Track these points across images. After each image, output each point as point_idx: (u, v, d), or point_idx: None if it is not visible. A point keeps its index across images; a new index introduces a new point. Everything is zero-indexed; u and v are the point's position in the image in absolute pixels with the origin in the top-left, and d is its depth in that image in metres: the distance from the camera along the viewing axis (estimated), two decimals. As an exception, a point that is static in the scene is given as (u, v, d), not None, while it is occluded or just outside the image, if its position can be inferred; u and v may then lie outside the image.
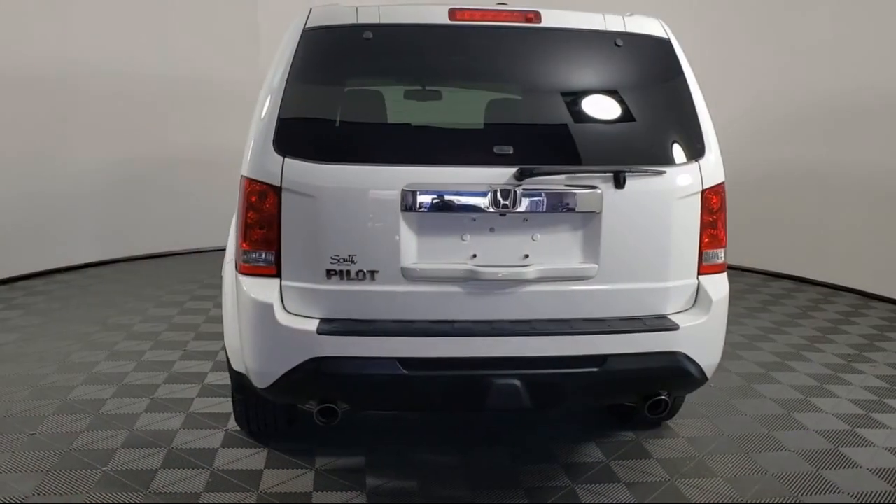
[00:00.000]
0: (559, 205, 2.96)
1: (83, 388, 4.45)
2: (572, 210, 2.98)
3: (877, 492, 3.43)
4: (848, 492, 3.42)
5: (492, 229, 2.97)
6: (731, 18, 8.05)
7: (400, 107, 3.22)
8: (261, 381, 3.02)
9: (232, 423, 4.00)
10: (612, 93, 3.18)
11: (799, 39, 7.55)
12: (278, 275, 2.97)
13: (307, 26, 3.04)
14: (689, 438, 3.98)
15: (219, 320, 5.85)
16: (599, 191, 2.97)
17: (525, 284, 2.97)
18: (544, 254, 2.99)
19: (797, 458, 3.75)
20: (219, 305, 6.25)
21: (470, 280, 2.95)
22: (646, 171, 3.00)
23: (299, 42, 3.02)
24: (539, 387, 2.95)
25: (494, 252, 2.97)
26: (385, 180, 2.90)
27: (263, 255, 2.98)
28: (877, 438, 4.01)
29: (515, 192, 2.90)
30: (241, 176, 3.05)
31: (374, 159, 2.93)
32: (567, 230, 3.01)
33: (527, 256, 2.99)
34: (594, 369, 2.94)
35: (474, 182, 2.90)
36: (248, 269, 3.00)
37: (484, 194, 2.90)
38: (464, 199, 2.91)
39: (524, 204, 2.92)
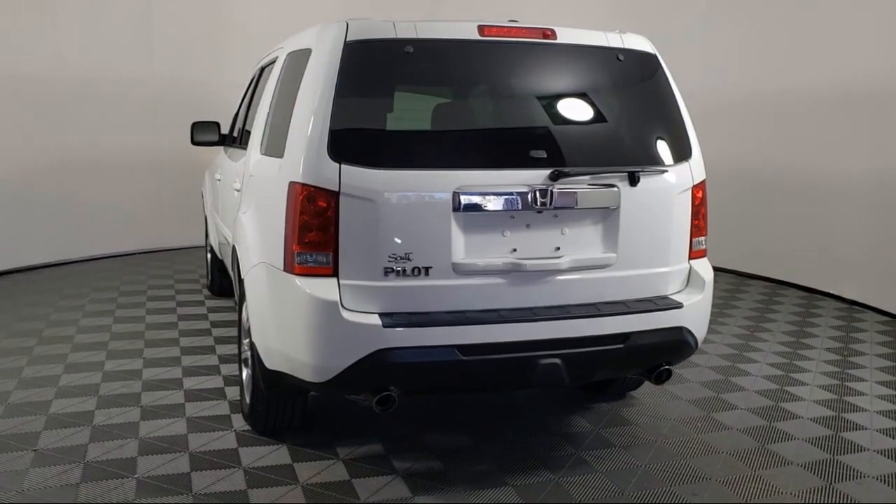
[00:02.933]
0: (585, 202, 3.33)
1: (61, 401, 4.32)
2: (596, 206, 3.37)
3: (822, 436, 4.09)
4: (802, 438, 4.06)
5: (528, 225, 3.30)
6: (667, 20, 8.60)
7: (442, 115, 3.46)
8: (319, 376, 3.18)
9: (238, 424, 4.07)
10: (618, 101, 3.59)
11: (739, 36, 8.02)
12: (335, 274, 3.14)
13: (348, 39, 3.21)
14: (655, 405, 4.50)
15: (162, 326, 5.84)
16: (617, 189, 3.38)
17: (559, 274, 3.33)
18: (572, 246, 3.36)
19: (750, 415, 4.36)
20: (154, 312, 6.21)
21: (512, 272, 3.26)
22: (655, 171, 3.45)
23: (343, 54, 3.19)
24: (576, 364, 3.32)
25: (531, 246, 3.31)
26: (439, 184, 3.15)
27: (320, 256, 3.14)
28: (803, 394, 4.72)
29: (551, 191, 3.24)
30: (291, 182, 3.18)
31: (428, 164, 3.18)
32: (590, 224, 3.39)
33: (558, 249, 3.34)
34: (620, 346, 3.35)
35: (516, 183, 3.22)
36: (303, 269, 3.15)
37: (525, 194, 3.23)
38: (507, 199, 3.22)
39: (557, 202, 3.27)
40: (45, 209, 7.97)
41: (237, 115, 6.05)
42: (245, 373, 4.14)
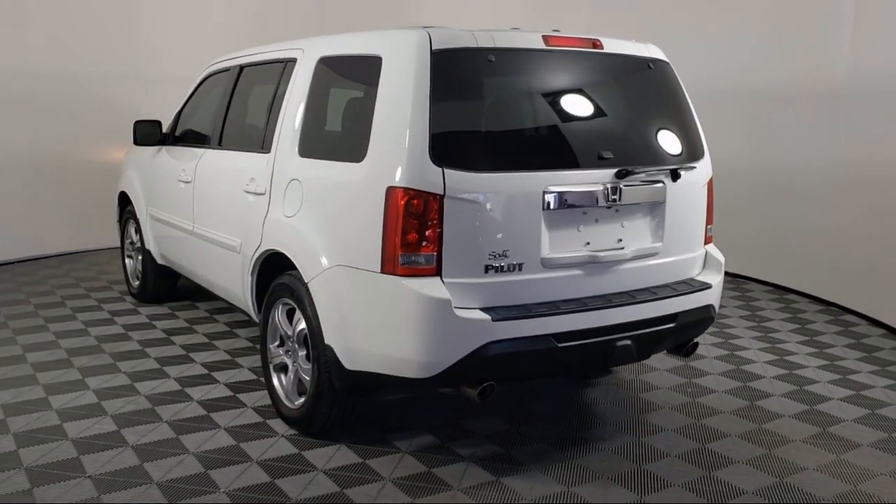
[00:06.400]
0: (643, 197, 3.72)
1: (73, 425, 4.04)
2: (649, 201, 3.76)
3: (791, 391, 4.78)
4: (778, 394, 4.73)
5: (596, 220, 3.62)
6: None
7: (524, 120, 3.66)
8: (427, 371, 3.30)
9: (281, 429, 4.04)
10: (653, 105, 4.00)
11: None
12: (438, 273, 3.28)
13: (434, 48, 3.34)
14: (641, 377, 4.99)
15: (115, 338, 5.57)
16: (663, 184, 3.79)
17: (623, 263, 3.69)
18: (630, 237, 3.73)
19: (724, 379, 4.97)
20: (92, 323, 5.85)
21: (588, 263, 3.58)
22: (690, 167, 3.90)
23: (431, 62, 3.32)
24: (642, 343, 3.70)
25: (600, 239, 3.64)
26: (531, 185, 3.39)
27: (422, 258, 3.27)
28: (751, 356, 5.43)
29: (619, 188, 3.59)
30: (390, 187, 3.28)
31: (521, 167, 3.40)
32: (641, 217, 3.78)
33: (620, 240, 3.70)
34: (672, 325, 3.78)
35: (593, 181, 3.53)
36: (408, 270, 3.26)
37: (598, 191, 3.54)
38: (585, 196, 3.53)
39: (623, 198, 3.62)
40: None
41: (181, 113, 5.81)
42: (278, 378, 4.13)
